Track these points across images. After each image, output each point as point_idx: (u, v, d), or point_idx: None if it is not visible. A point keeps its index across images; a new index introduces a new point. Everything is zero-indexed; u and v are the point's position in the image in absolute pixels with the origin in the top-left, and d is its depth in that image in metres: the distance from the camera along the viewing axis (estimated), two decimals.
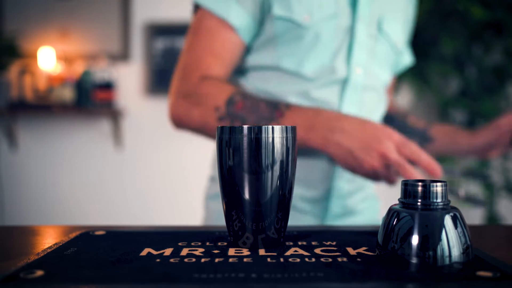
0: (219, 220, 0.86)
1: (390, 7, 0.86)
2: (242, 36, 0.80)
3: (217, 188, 0.91)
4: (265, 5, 0.79)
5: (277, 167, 0.45)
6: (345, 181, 0.85)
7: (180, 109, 0.78)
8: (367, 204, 0.92)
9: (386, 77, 0.89)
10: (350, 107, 0.82)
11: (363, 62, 0.82)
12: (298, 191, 0.83)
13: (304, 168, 0.81)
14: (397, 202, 0.43)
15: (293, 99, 0.80)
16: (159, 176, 2.64)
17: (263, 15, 0.80)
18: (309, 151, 0.79)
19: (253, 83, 0.84)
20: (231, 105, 0.74)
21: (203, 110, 0.75)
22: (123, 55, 2.59)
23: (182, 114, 0.78)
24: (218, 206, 0.89)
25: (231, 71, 0.83)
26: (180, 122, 0.79)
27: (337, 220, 0.87)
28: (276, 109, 0.73)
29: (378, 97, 0.88)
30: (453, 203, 0.47)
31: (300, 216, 0.84)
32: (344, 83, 0.81)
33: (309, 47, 0.79)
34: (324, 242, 0.49)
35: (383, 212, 0.98)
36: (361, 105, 0.84)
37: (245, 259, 0.42)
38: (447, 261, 0.39)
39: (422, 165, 0.67)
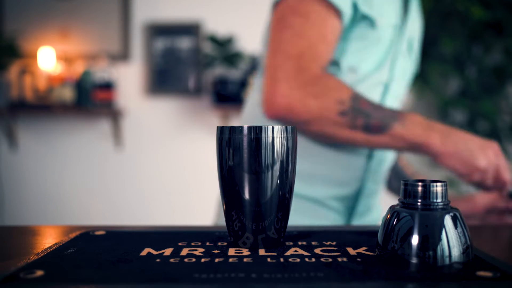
0: None
1: (417, 28, 0.92)
2: (343, 24, 0.78)
3: None
4: None
5: (277, 167, 0.45)
6: (373, 181, 0.89)
7: (296, 98, 0.73)
8: (376, 204, 0.96)
9: (404, 92, 0.95)
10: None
11: (399, 74, 0.88)
12: (331, 189, 0.85)
13: (340, 167, 0.84)
14: (397, 202, 0.44)
15: None
16: (159, 176, 2.64)
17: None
18: (355, 149, 0.84)
19: None
20: (356, 100, 0.74)
21: (323, 102, 0.73)
22: (123, 55, 2.59)
23: (297, 103, 0.73)
24: None
25: None
26: (290, 111, 0.74)
27: (358, 218, 0.89)
28: (398, 111, 0.77)
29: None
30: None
31: (326, 212, 0.86)
32: (385, 89, 0.86)
33: (370, 46, 0.81)
34: (324, 242, 0.49)
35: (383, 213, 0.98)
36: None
37: (245, 259, 0.42)
38: (447, 261, 0.39)
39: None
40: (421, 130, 0.74)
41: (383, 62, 0.84)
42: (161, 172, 2.64)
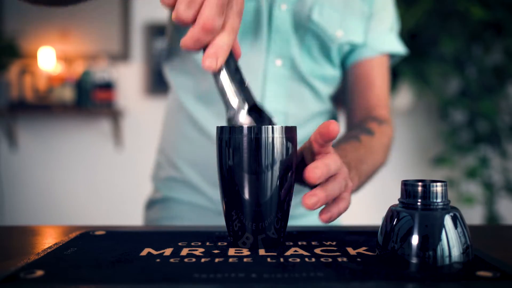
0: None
1: None
2: None
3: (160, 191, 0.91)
4: None
5: (277, 167, 0.45)
6: None
7: None
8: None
9: (326, 70, 0.82)
10: (275, 100, 0.79)
11: (285, 54, 0.78)
12: None
13: None
14: (397, 202, 0.44)
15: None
16: None
17: None
18: None
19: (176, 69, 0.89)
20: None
21: None
22: (123, 55, 2.59)
23: None
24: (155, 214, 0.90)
25: None
26: None
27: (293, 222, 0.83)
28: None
29: (313, 92, 0.83)
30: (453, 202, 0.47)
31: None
32: (263, 76, 0.78)
33: None
34: (324, 242, 0.49)
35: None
36: (289, 98, 0.80)
37: (245, 259, 0.42)
38: (447, 261, 0.39)
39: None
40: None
41: (249, 48, 0.81)
42: None
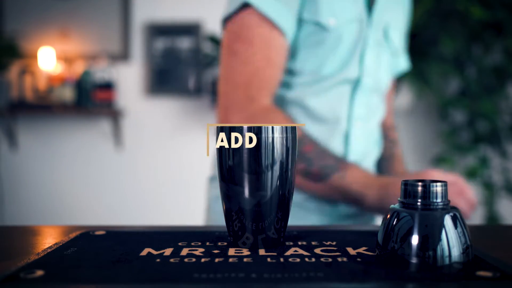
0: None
1: (394, 16, 0.90)
2: (289, 40, 0.79)
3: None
4: (300, 9, 0.79)
5: (277, 167, 0.45)
6: None
7: None
8: None
9: (388, 81, 0.94)
10: (360, 108, 0.86)
11: (372, 66, 0.86)
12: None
13: None
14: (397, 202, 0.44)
15: (311, 99, 0.82)
16: (158, 176, 2.64)
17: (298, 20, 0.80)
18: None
19: None
20: (301, 144, 0.75)
21: None
22: (123, 55, 2.59)
23: None
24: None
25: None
26: None
27: (343, 220, 0.88)
28: (341, 161, 0.76)
29: (381, 100, 0.93)
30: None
31: (306, 214, 0.84)
32: (355, 84, 0.85)
33: (330, 49, 0.80)
34: (324, 242, 0.49)
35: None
36: (368, 107, 0.88)
37: (245, 259, 0.42)
38: (447, 261, 0.39)
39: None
40: (359, 186, 0.75)
41: (349, 59, 0.82)
42: (161, 172, 2.64)
